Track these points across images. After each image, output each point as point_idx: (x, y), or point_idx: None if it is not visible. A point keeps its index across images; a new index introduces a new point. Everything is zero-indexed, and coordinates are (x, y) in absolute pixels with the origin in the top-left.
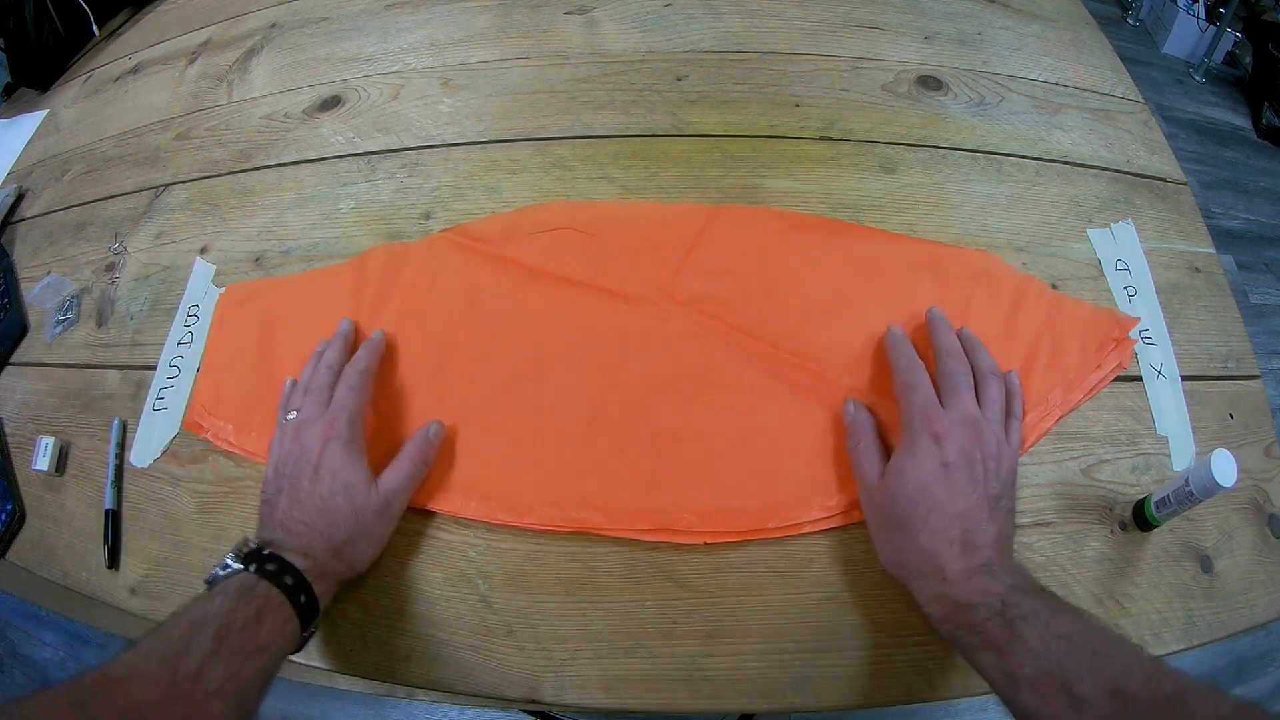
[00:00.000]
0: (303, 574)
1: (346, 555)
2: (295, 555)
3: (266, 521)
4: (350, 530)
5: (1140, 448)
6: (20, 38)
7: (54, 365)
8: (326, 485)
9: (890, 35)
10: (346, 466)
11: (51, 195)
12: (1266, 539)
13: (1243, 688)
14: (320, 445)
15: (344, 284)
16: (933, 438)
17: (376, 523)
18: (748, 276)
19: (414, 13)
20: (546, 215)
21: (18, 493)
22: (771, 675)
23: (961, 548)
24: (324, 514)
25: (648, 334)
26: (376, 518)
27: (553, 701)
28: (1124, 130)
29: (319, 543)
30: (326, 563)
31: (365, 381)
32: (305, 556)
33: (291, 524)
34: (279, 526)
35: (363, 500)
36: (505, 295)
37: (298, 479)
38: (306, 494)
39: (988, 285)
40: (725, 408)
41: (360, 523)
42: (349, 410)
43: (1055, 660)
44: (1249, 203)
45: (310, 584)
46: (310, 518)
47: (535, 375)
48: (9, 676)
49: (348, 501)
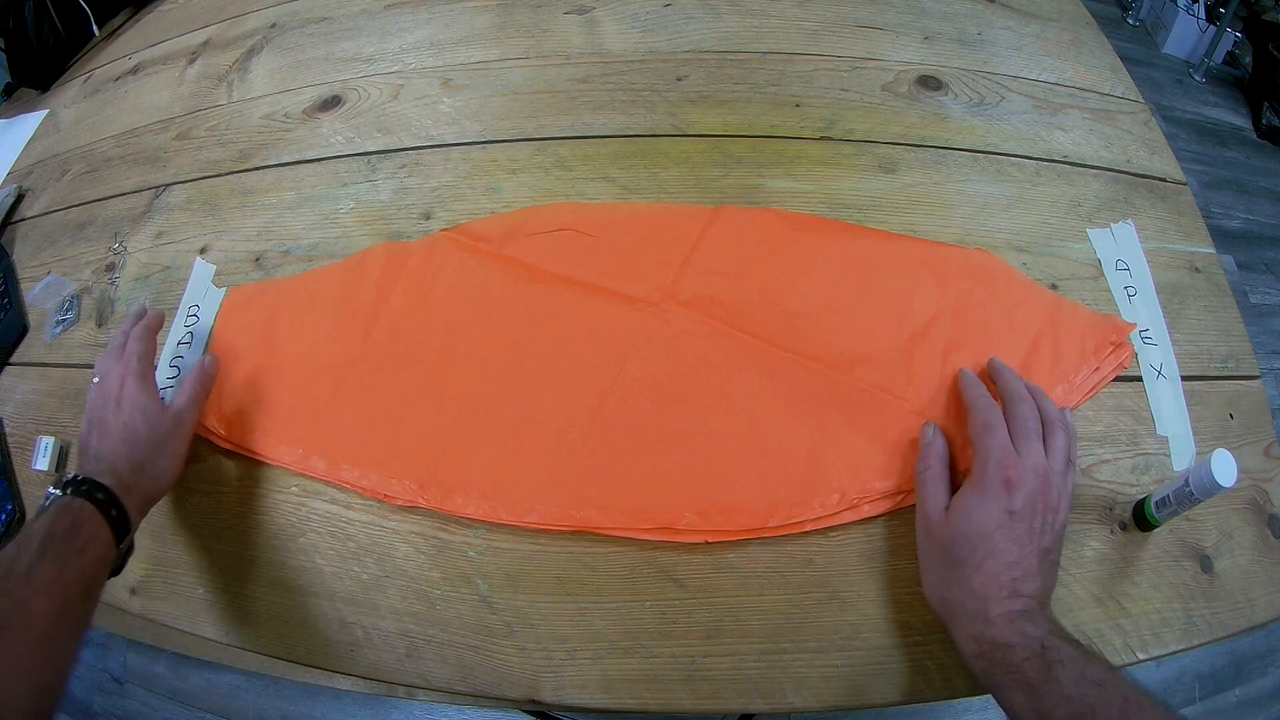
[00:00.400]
0: (111, 489)
1: (150, 470)
2: (104, 477)
3: (81, 455)
4: (150, 445)
5: (1140, 448)
6: (20, 38)
7: (54, 365)
8: (127, 413)
9: (890, 35)
10: (141, 394)
11: (51, 195)
12: (1266, 539)
13: (1243, 688)
14: (119, 382)
15: (345, 284)
16: (1005, 483)
17: (171, 437)
18: (749, 277)
19: (414, 13)
20: (548, 216)
21: (18, 493)
22: (771, 675)
23: (1009, 593)
24: (125, 438)
25: (649, 334)
26: (170, 433)
27: (553, 701)
28: (1124, 130)
29: (123, 463)
30: (132, 480)
31: (147, 333)
32: (112, 475)
33: (100, 453)
34: (91, 458)
35: (157, 418)
36: (506, 295)
37: (104, 415)
38: (110, 425)
39: (988, 284)
40: (726, 408)
41: (157, 438)
42: (138, 352)
43: (1088, 705)
44: (1249, 203)
45: (118, 497)
46: (114, 445)
47: (536, 375)
48: None
49: (145, 421)
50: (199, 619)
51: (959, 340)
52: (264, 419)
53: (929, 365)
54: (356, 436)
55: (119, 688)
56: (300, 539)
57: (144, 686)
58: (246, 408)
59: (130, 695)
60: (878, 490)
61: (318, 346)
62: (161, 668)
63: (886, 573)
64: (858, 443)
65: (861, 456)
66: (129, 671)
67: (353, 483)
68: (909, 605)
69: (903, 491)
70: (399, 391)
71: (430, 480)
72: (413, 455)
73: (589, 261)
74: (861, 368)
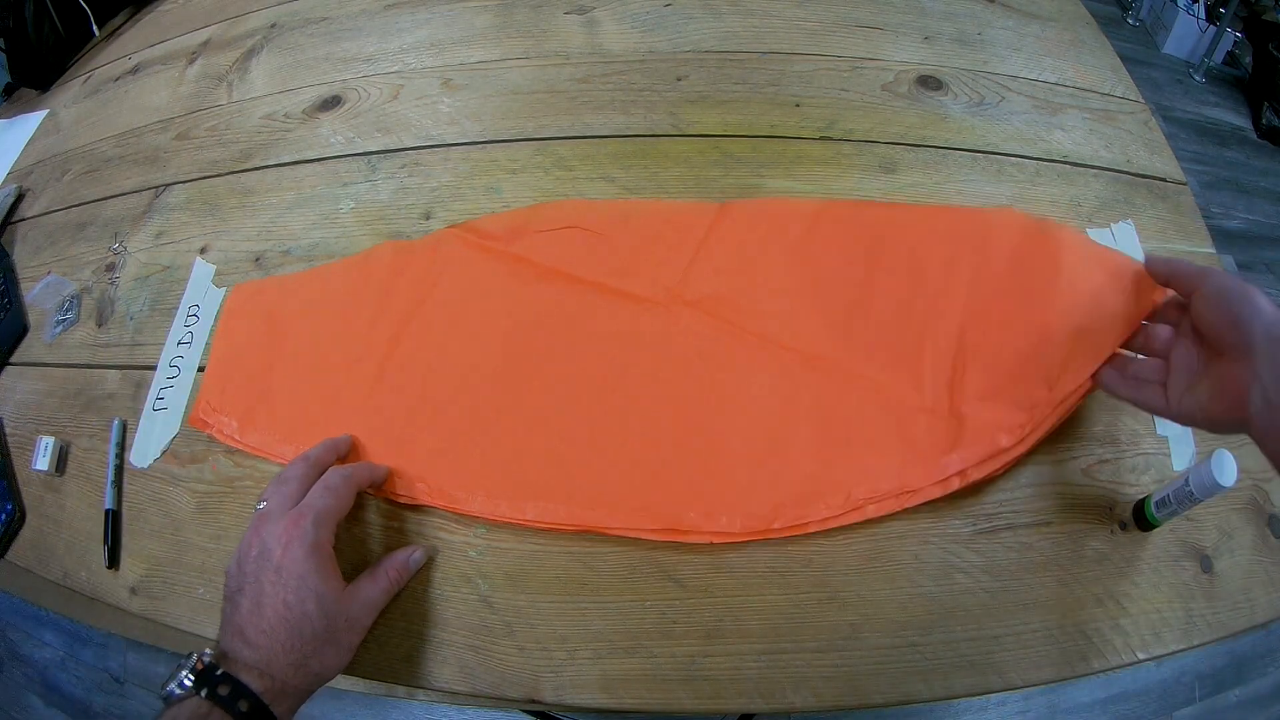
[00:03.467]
0: (259, 696)
1: (313, 666)
2: (252, 675)
3: (227, 623)
4: (319, 639)
5: (1140, 448)
6: (20, 38)
7: (54, 365)
8: (293, 590)
9: (890, 35)
10: (311, 572)
11: (51, 195)
12: (1266, 539)
13: (1243, 688)
14: (282, 545)
15: (351, 280)
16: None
17: (347, 631)
18: (755, 275)
19: (414, 13)
20: (555, 213)
21: (18, 493)
22: (771, 675)
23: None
24: (287, 622)
25: (655, 333)
26: (349, 626)
27: (553, 701)
28: (1124, 130)
29: (281, 657)
30: (288, 679)
31: (346, 488)
32: (263, 676)
33: (251, 632)
34: (238, 634)
35: (334, 608)
36: (513, 292)
37: (259, 577)
38: (269, 597)
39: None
40: (732, 408)
41: (331, 631)
42: (317, 511)
43: None
44: (1249, 203)
45: (268, 706)
46: (272, 625)
47: (541, 374)
48: (9, 676)
49: (318, 608)
50: (199, 619)
51: (974, 339)
52: (266, 415)
53: (940, 363)
54: (359, 432)
55: (119, 688)
56: None
57: (144, 686)
58: (249, 404)
59: (130, 695)
60: (884, 490)
61: (323, 343)
62: (161, 668)
63: (886, 573)
64: (865, 443)
65: (869, 458)
66: (129, 671)
67: None
68: (909, 605)
69: (908, 491)
70: (403, 388)
71: (434, 477)
72: (417, 455)
73: (596, 260)
74: (869, 366)
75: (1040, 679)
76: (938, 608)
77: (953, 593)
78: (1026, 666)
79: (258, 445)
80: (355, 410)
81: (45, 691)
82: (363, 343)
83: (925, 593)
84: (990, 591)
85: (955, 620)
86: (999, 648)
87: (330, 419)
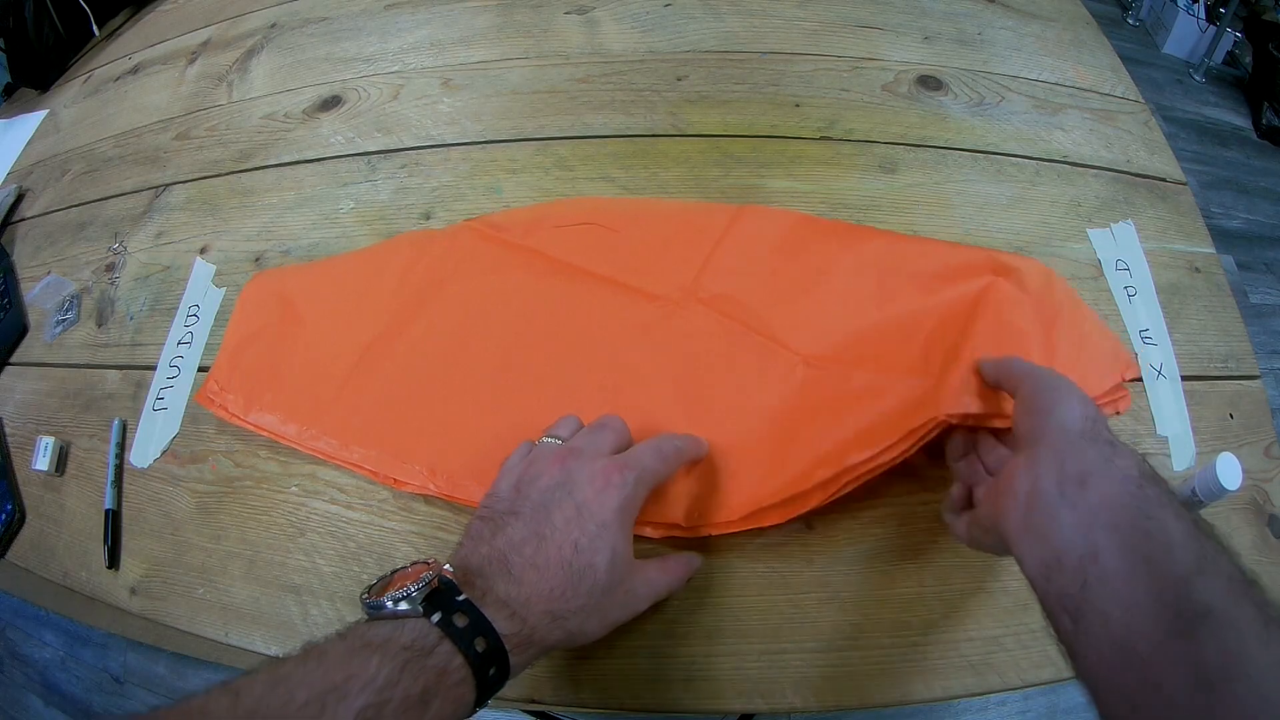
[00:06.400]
0: (502, 640)
1: (570, 625)
2: (501, 611)
3: (477, 539)
4: (592, 597)
5: (1140, 448)
6: (20, 38)
7: (54, 365)
8: (590, 536)
9: (890, 35)
10: (616, 526)
11: (51, 195)
12: (1266, 539)
13: None
14: (595, 487)
15: (367, 268)
16: None
17: (620, 606)
18: (770, 277)
19: (414, 13)
20: (571, 209)
21: (18, 493)
22: (771, 675)
23: None
24: (569, 566)
25: (667, 331)
26: (623, 601)
27: (553, 701)
28: (1124, 130)
29: (542, 601)
30: (538, 629)
31: (677, 459)
32: (514, 617)
33: (517, 561)
34: (495, 556)
35: (623, 573)
36: (526, 287)
37: (549, 508)
38: (558, 531)
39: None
40: (740, 409)
41: (609, 595)
42: (644, 468)
43: None
44: (1249, 203)
45: (507, 654)
46: (549, 561)
47: (552, 368)
48: (9, 676)
49: (609, 565)
50: (199, 619)
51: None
52: (272, 396)
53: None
54: (368, 418)
55: (119, 688)
56: (300, 539)
57: (144, 686)
58: (257, 385)
59: (130, 695)
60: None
61: (336, 328)
62: (161, 668)
63: (886, 573)
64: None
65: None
66: (129, 671)
67: (360, 463)
68: (909, 605)
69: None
70: (414, 377)
71: (440, 466)
72: (423, 440)
73: (611, 256)
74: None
75: (1040, 679)
76: (938, 608)
77: (953, 593)
78: (1026, 666)
79: (261, 425)
80: (364, 395)
81: (45, 691)
82: (375, 330)
83: (925, 593)
84: (990, 591)
85: (955, 620)
86: (999, 648)
87: (338, 402)
